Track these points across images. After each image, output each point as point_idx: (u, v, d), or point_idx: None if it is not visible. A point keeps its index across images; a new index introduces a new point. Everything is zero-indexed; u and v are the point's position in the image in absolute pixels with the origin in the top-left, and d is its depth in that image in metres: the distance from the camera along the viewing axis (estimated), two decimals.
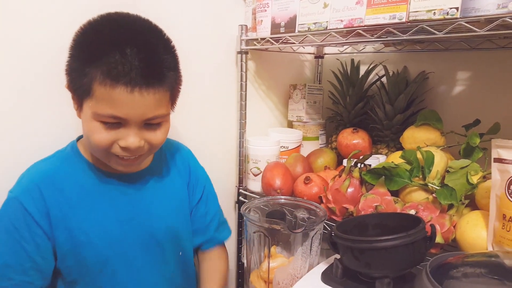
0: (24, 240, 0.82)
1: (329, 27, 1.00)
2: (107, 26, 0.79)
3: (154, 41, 0.81)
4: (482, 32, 0.76)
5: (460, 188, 0.90)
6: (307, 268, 0.96)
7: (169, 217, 0.98)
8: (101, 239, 0.88)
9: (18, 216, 0.82)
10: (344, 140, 1.30)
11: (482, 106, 1.16)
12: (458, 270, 0.71)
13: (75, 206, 0.86)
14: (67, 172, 0.88)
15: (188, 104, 1.23)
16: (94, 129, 0.80)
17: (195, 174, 1.09)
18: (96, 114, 0.78)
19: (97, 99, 0.77)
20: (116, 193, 0.91)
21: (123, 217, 0.91)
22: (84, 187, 0.88)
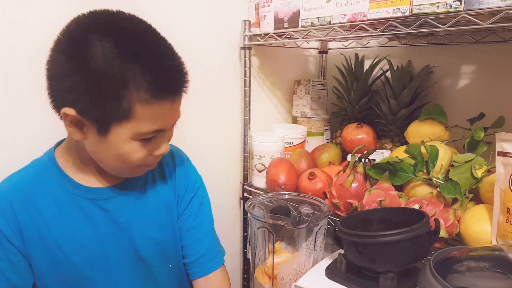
0: (3, 261, 0.78)
1: (333, 21, 1.00)
2: (109, 32, 0.69)
3: (168, 45, 0.76)
4: (486, 25, 0.75)
5: (464, 182, 0.90)
6: (311, 263, 0.97)
7: (152, 229, 0.90)
8: (80, 256, 0.82)
9: None
10: (349, 135, 1.30)
11: (486, 99, 1.15)
12: (462, 264, 0.70)
13: (50, 222, 0.80)
14: (42, 184, 0.81)
15: (191, 101, 1.23)
16: (131, 151, 0.75)
17: (184, 177, 0.97)
18: (138, 134, 0.73)
19: (138, 119, 0.71)
20: (93, 207, 0.83)
21: (102, 232, 0.84)
22: (59, 201, 0.81)
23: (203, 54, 1.24)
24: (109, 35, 0.68)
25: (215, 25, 1.26)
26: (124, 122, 0.71)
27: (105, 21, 0.71)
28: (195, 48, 1.21)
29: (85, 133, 0.74)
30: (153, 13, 0.88)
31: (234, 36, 1.30)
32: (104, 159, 0.79)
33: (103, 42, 0.67)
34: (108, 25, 0.70)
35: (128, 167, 0.80)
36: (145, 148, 0.77)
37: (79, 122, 0.73)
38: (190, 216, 0.96)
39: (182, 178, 0.96)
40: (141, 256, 0.89)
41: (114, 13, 0.73)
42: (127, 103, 0.69)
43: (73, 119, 0.72)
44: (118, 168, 0.81)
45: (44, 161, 0.84)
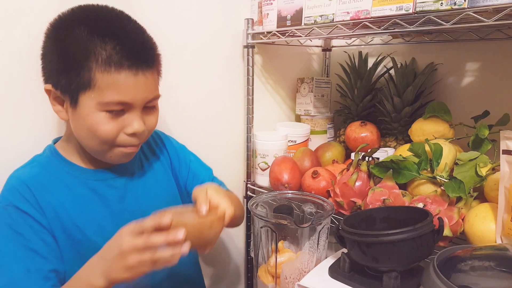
0: (32, 242, 0.79)
1: (336, 19, 0.99)
2: (84, 18, 0.78)
3: (134, 23, 0.83)
4: (490, 22, 0.75)
5: (468, 181, 0.90)
6: (314, 262, 0.96)
7: (158, 204, 0.91)
8: (99, 235, 0.85)
9: (17, 220, 0.79)
10: (352, 134, 1.29)
11: (491, 97, 1.15)
12: (466, 263, 0.70)
13: (66, 206, 0.83)
14: (51, 174, 0.85)
15: (195, 99, 1.24)
16: (99, 121, 0.78)
17: (175, 154, 1.06)
18: (101, 103, 0.77)
19: (100, 88, 0.76)
20: (104, 187, 0.89)
21: (115, 209, 0.89)
22: (70, 187, 0.85)
23: (206, 52, 1.24)
24: (83, 20, 0.77)
25: (218, 23, 1.25)
26: (88, 91, 0.77)
27: (82, 11, 0.81)
28: (198, 46, 1.21)
29: (66, 111, 0.81)
30: (157, 11, 0.88)
31: (237, 35, 1.30)
32: (80, 136, 0.83)
33: (76, 25, 0.76)
34: (83, 13, 0.80)
35: (102, 146, 0.82)
36: (113, 122, 0.79)
37: (59, 98, 0.80)
38: (190, 170, 1.06)
39: (173, 152, 1.05)
40: None
41: (92, 5, 0.83)
42: (88, 71, 0.75)
43: (53, 95, 0.80)
44: (93, 146, 0.83)
45: (47, 155, 0.88)
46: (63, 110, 0.82)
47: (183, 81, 1.20)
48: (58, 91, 0.79)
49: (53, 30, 0.80)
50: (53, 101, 0.82)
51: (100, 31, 0.76)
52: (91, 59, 0.75)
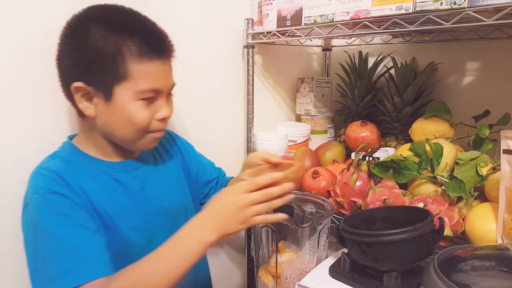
0: (80, 220, 0.80)
1: (336, 19, 0.99)
2: (102, 16, 0.82)
3: (147, 17, 0.87)
4: (490, 21, 0.75)
5: (469, 180, 0.90)
6: (315, 262, 0.96)
7: (171, 194, 1.00)
8: (124, 223, 0.88)
9: (59, 204, 0.79)
10: (353, 133, 1.29)
11: (491, 96, 1.14)
12: (467, 263, 0.70)
13: (95, 193, 0.86)
14: (76, 166, 0.87)
15: (195, 99, 1.23)
16: (136, 110, 0.83)
17: (186, 151, 1.11)
18: (137, 92, 0.82)
19: (135, 78, 0.81)
20: (127, 177, 0.92)
21: (138, 199, 0.92)
22: (97, 177, 0.88)
23: (206, 52, 1.24)
24: (100, 19, 0.81)
25: (218, 23, 1.25)
26: (124, 83, 0.81)
27: (97, 10, 0.84)
28: (198, 46, 1.21)
29: (96, 106, 0.84)
30: (158, 11, 0.89)
31: (237, 35, 1.30)
32: (114, 126, 0.86)
33: (95, 24, 0.80)
34: (99, 12, 0.84)
35: (137, 133, 0.87)
36: (147, 110, 0.85)
37: (88, 94, 0.83)
38: (200, 164, 1.14)
39: (184, 150, 1.11)
40: (171, 218, 0.97)
41: (105, 4, 0.86)
42: (122, 64, 0.80)
43: (83, 92, 0.82)
44: (128, 135, 0.87)
45: (66, 151, 0.90)
46: (91, 106, 0.84)
47: (183, 81, 1.19)
48: (91, 87, 0.82)
49: (72, 30, 0.83)
50: (81, 99, 0.83)
51: (124, 26, 0.81)
52: (124, 52, 0.79)
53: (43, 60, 0.91)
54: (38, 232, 0.77)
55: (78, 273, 0.74)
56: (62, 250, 0.75)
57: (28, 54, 0.91)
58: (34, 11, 0.92)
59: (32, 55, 0.92)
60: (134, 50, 0.80)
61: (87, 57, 0.81)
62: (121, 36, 0.79)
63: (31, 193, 0.80)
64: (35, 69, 0.93)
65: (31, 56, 0.92)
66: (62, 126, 0.99)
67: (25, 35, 0.91)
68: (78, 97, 0.83)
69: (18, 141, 0.92)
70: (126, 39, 0.80)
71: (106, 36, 0.79)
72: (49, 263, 0.75)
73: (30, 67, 0.92)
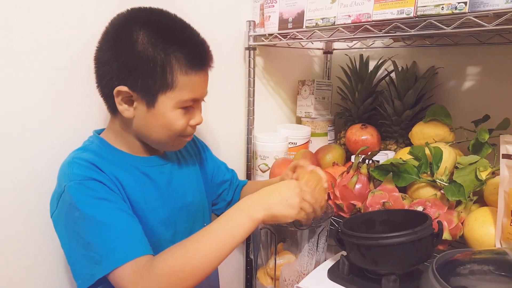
0: (118, 203, 0.81)
1: (337, 22, 0.99)
2: (149, 22, 0.83)
3: (192, 28, 0.90)
4: (491, 27, 0.75)
5: (468, 185, 0.90)
6: (313, 264, 0.97)
7: (193, 190, 1.03)
8: (153, 215, 0.90)
9: (97, 189, 0.80)
10: (353, 136, 1.29)
11: (491, 101, 1.15)
12: (465, 267, 0.70)
13: (127, 183, 0.87)
14: (106, 159, 0.88)
15: None
16: (175, 118, 0.86)
17: (203, 152, 1.15)
18: (180, 101, 0.85)
19: (180, 89, 0.84)
20: (155, 172, 0.94)
21: (164, 193, 0.94)
22: (127, 170, 0.89)
23: None
24: (147, 25, 0.82)
25: (219, 25, 1.26)
26: (169, 92, 0.83)
27: (142, 14, 0.86)
28: None
29: (135, 109, 0.85)
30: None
31: (239, 36, 1.30)
32: (152, 130, 0.88)
33: (142, 30, 0.81)
34: (144, 17, 0.85)
35: (172, 137, 0.89)
36: (185, 116, 0.88)
37: (130, 98, 0.84)
38: (215, 164, 1.16)
39: (202, 149, 1.15)
40: (192, 214, 1.00)
41: (147, 8, 0.88)
42: (170, 74, 0.82)
43: (125, 95, 0.84)
44: (164, 139, 0.89)
45: (96, 144, 0.91)
46: (130, 109, 0.85)
47: None
48: (135, 93, 0.83)
49: (119, 34, 0.83)
50: (121, 101, 0.85)
51: (173, 36, 0.83)
52: (173, 62, 0.81)
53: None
54: (77, 218, 0.77)
55: (122, 252, 0.75)
56: (105, 232, 0.76)
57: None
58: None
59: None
60: (183, 62, 0.82)
61: (135, 63, 0.81)
62: (171, 47, 0.81)
63: (68, 181, 0.80)
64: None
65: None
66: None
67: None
68: (119, 99, 0.84)
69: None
70: (175, 49, 0.81)
71: (157, 44, 0.80)
72: (93, 247, 0.75)
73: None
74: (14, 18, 0.88)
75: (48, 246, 0.98)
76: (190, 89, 0.85)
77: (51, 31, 0.93)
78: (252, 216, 0.80)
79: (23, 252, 0.96)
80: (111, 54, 0.83)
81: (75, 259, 0.78)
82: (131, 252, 0.75)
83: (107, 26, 0.85)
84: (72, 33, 0.96)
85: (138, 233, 0.80)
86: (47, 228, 0.94)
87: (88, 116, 1.02)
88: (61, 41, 0.95)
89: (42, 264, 0.99)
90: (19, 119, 0.92)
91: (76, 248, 0.78)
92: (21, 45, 0.90)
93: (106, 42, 0.85)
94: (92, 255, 0.75)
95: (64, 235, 0.81)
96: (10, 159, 0.92)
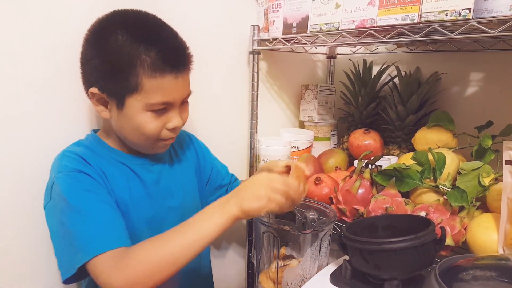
0: (103, 196, 0.84)
1: (341, 27, 1.00)
2: (124, 25, 0.83)
3: (169, 28, 0.89)
4: (494, 33, 0.75)
5: (471, 190, 0.90)
6: (316, 269, 0.97)
7: (183, 190, 1.03)
8: (136, 212, 0.91)
9: (84, 181, 0.84)
10: (356, 141, 1.30)
11: (495, 107, 1.15)
12: (468, 273, 0.70)
13: (114, 178, 0.89)
14: (98, 154, 0.91)
15: (199, 103, 1.24)
16: (145, 121, 0.85)
17: (202, 154, 1.14)
18: (148, 104, 0.84)
19: (147, 92, 0.83)
20: (143, 170, 0.95)
21: (152, 191, 0.95)
22: (116, 165, 0.92)
23: (212, 58, 1.25)
24: (122, 26, 0.82)
25: (224, 29, 1.26)
26: (135, 94, 0.83)
27: (120, 17, 0.86)
28: (204, 52, 1.22)
29: (110, 110, 0.87)
30: (164, 17, 0.90)
31: (243, 41, 1.31)
32: (126, 133, 0.89)
33: (117, 31, 0.81)
34: (122, 19, 0.85)
35: (147, 141, 0.89)
36: (157, 120, 0.87)
37: (103, 99, 0.86)
38: (214, 167, 1.16)
39: (201, 152, 1.14)
40: (179, 216, 0.98)
41: (128, 10, 0.88)
42: (135, 77, 0.81)
43: (98, 97, 0.86)
44: (138, 141, 0.90)
45: (90, 141, 0.94)
46: (106, 110, 0.88)
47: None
48: (105, 94, 0.85)
49: (94, 36, 0.85)
50: (96, 103, 0.87)
51: (142, 38, 0.82)
52: (137, 65, 0.81)
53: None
54: (63, 207, 0.80)
55: (102, 241, 0.77)
56: (87, 222, 0.79)
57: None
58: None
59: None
60: (147, 65, 0.81)
61: (104, 66, 0.83)
62: (137, 49, 0.81)
63: (57, 172, 0.84)
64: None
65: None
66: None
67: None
68: (94, 101, 0.87)
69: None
70: (141, 52, 0.81)
71: (124, 46, 0.81)
72: (75, 236, 0.78)
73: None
74: (8, 21, 0.89)
75: (42, 247, 0.99)
76: (158, 92, 0.84)
77: (43, 34, 0.94)
78: (226, 211, 0.79)
79: (18, 253, 0.96)
80: (86, 56, 0.86)
81: (61, 249, 0.81)
82: (110, 242, 0.77)
83: (88, 29, 0.87)
84: (64, 35, 0.96)
85: (119, 226, 0.82)
86: (42, 229, 0.94)
87: (82, 117, 1.03)
88: (53, 43, 0.95)
89: (37, 265, 1.00)
90: (14, 122, 0.92)
91: (61, 238, 0.81)
92: (15, 47, 0.90)
93: (84, 44, 0.87)
94: (75, 244, 0.77)
95: (52, 225, 0.84)
96: (4, 160, 0.92)
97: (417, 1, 0.84)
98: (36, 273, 0.99)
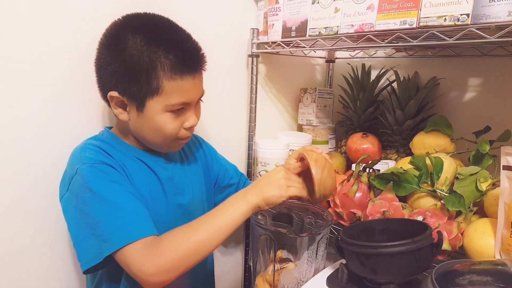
0: (129, 187, 0.86)
1: (340, 31, 1.00)
2: (141, 28, 0.85)
3: (183, 30, 0.91)
4: (492, 39, 0.76)
5: (468, 195, 0.90)
6: (312, 272, 0.96)
7: (193, 189, 1.06)
8: (153, 208, 0.92)
9: (109, 172, 0.86)
10: (354, 145, 1.30)
11: (492, 113, 1.15)
12: (465, 277, 0.70)
13: (135, 173, 0.91)
14: (115, 148, 0.92)
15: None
16: (165, 121, 0.88)
17: (209, 154, 1.17)
18: (168, 106, 0.87)
19: (167, 93, 0.86)
20: (158, 167, 0.97)
21: (166, 188, 0.97)
22: (133, 159, 0.94)
23: (211, 60, 1.23)
24: (138, 30, 0.85)
25: (223, 32, 1.26)
26: (156, 97, 0.86)
27: (135, 21, 0.88)
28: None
29: (128, 113, 0.89)
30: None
31: (242, 44, 1.31)
32: (145, 133, 0.91)
33: (134, 36, 0.84)
34: (137, 23, 0.87)
35: (166, 140, 0.92)
36: (176, 120, 0.90)
37: (122, 102, 0.88)
38: (222, 166, 1.18)
39: (208, 153, 1.17)
40: (188, 214, 1.02)
41: (142, 14, 0.90)
42: (156, 80, 0.84)
43: (117, 100, 0.88)
44: (157, 141, 0.93)
45: (106, 136, 0.96)
46: (124, 112, 0.90)
47: None
48: (125, 97, 0.87)
49: (111, 40, 0.87)
50: (115, 105, 0.89)
51: (160, 41, 0.84)
52: (158, 68, 0.84)
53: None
54: (88, 198, 0.81)
55: (130, 231, 0.79)
56: (115, 211, 0.81)
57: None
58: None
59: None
60: (167, 68, 0.84)
61: (124, 70, 0.85)
62: (156, 52, 0.83)
63: (80, 164, 0.85)
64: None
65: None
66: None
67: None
68: (113, 104, 0.89)
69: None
70: (161, 55, 0.83)
71: (143, 50, 0.83)
72: (102, 225, 0.79)
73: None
74: (18, 22, 0.90)
75: (55, 245, 1.01)
76: (177, 93, 0.87)
77: (54, 34, 0.95)
78: (247, 200, 0.84)
79: (30, 251, 0.98)
80: (104, 60, 0.87)
81: (82, 239, 0.81)
82: (141, 231, 0.80)
83: (103, 33, 0.89)
84: (76, 35, 0.98)
85: (147, 215, 0.84)
86: (55, 228, 0.99)
87: (93, 117, 1.05)
88: (65, 44, 0.97)
89: (51, 263, 1.02)
90: (24, 122, 0.94)
91: (84, 229, 0.81)
92: (25, 48, 0.92)
93: (100, 49, 0.89)
94: (100, 233, 0.79)
95: (72, 217, 0.84)
96: (16, 161, 0.94)
97: (415, 6, 0.85)
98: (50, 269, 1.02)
